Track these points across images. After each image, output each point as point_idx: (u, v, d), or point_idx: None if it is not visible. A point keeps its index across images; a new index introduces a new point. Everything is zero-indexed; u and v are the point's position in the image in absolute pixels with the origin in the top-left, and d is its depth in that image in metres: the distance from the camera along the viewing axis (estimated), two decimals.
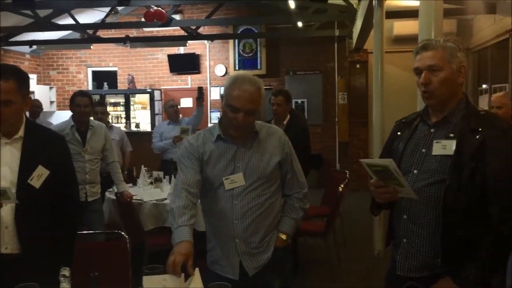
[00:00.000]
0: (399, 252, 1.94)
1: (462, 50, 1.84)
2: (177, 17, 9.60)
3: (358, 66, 9.66)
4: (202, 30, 9.81)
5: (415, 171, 1.86)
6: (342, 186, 4.75)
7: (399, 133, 2.02)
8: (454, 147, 1.76)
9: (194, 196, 2.13)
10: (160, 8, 8.02)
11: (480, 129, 1.75)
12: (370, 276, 4.48)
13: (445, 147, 1.79)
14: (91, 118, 4.35)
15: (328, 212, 4.84)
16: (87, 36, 9.66)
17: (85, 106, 4.06)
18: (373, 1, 5.27)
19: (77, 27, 9.00)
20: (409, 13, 6.88)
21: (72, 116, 4.14)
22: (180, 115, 6.73)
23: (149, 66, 10.80)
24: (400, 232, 1.92)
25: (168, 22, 8.41)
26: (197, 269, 1.87)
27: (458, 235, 1.74)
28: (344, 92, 9.76)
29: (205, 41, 10.25)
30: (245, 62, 10.26)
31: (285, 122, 4.51)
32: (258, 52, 10.18)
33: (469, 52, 8.91)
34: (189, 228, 2.01)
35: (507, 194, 1.56)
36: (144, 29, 10.06)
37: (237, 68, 10.28)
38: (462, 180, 1.72)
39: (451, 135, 1.80)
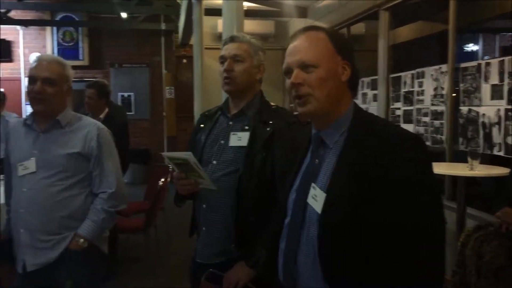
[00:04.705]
0: (199, 240, 2.00)
1: (263, 52, 1.99)
2: None
3: (184, 61, 9.76)
4: (14, 14, 8.87)
5: (214, 162, 1.92)
6: (163, 180, 4.73)
7: (202, 125, 2.08)
8: (248, 139, 1.87)
9: None
10: None
11: (270, 122, 1.88)
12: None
13: (240, 138, 1.89)
14: None
15: (149, 207, 4.78)
16: None
17: None
18: None
19: None
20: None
21: None
22: None
23: None
24: (200, 221, 1.98)
25: None
26: None
27: (250, 220, 1.84)
28: (171, 86, 9.76)
29: (18, 27, 9.28)
30: (65, 51, 9.56)
31: (102, 116, 4.30)
32: (80, 42, 9.59)
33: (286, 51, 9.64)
34: None
35: None
36: None
37: None
38: (254, 169, 1.83)
39: (246, 127, 1.91)
